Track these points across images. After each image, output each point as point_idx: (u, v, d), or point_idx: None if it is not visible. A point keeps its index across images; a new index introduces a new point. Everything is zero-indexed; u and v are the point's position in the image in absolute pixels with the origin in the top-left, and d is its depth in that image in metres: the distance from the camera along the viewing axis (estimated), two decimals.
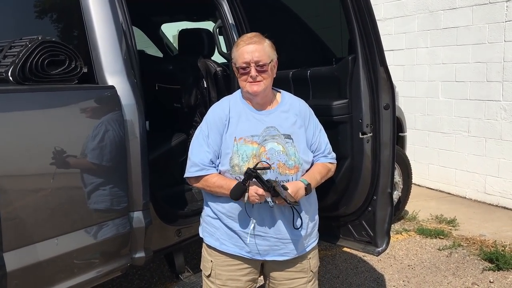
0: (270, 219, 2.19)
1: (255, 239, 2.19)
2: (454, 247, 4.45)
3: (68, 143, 2.28)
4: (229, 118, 2.22)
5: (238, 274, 2.26)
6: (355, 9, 2.61)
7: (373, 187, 2.79)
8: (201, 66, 3.53)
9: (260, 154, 2.15)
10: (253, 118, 2.23)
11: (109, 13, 2.57)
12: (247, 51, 2.15)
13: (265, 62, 2.15)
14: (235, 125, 2.21)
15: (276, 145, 2.18)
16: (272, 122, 2.23)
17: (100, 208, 2.44)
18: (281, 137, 2.20)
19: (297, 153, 2.20)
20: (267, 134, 2.19)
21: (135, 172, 2.55)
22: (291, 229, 2.21)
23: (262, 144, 2.17)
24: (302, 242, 2.27)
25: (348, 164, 2.81)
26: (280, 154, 2.16)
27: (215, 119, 2.24)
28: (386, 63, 2.66)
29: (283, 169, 2.16)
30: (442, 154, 6.28)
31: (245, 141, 2.17)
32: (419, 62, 6.44)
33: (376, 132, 2.72)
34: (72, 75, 2.42)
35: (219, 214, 2.24)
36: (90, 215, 2.40)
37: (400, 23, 6.65)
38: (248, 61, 2.14)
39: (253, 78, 2.15)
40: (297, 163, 2.19)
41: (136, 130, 2.55)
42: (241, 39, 2.23)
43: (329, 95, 2.88)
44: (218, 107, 2.31)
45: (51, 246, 2.23)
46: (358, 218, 2.91)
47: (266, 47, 2.19)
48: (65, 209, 2.29)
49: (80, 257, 2.38)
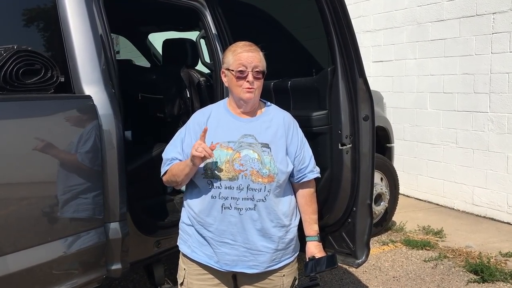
0: (240, 226, 2.16)
1: (223, 247, 2.17)
2: (440, 259, 4.43)
3: (41, 152, 2.25)
4: (207, 123, 2.24)
5: (208, 284, 2.24)
6: (334, 20, 2.61)
7: (353, 198, 2.78)
8: (184, 76, 3.52)
9: (234, 160, 2.15)
10: (232, 125, 2.24)
11: (87, 23, 2.56)
12: (246, 56, 2.17)
13: (262, 70, 2.20)
14: (214, 131, 2.22)
15: (252, 152, 2.17)
16: (251, 130, 2.23)
17: (74, 218, 2.39)
18: (257, 146, 2.19)
19: (273, 163, 2.18)
20: (243, 141, 2.19)
21: (112, 182, 2.52)
22: (261, 239, 2.18)
23: (237, 150, 2.17)
24: (274, 255, 2.22)
25: (327, 175, 2.80)
26: (255, 162, 2.15)
27: (194, 124, 2.28)
28: (365, 74, 2.65)
29: (256, 177, 2.14)
30: (430, 165, 6.28)
31: (221, 146, 2.17)
32: (407, 74, 6.47)
33: (355, 143, 2.71)
34: (48, 84, 2.39)
35: (192, 219, 2.24)
36: (64, 225, 2.36)
37: (389, 35, 6.68)
38: (246, 65, 2.16)
39: (250, 84, 2.17)
40: (272, 173, 2.17)
41: (113, 139, 2.52)
42: (237, 46, 2.25)
43: (309, 106, 2.87)
44: (200, 113, 2.35)
45: (22, 257, 2.20)
46: (338, 229, 2.89)
47: (262, 56, 2.23)
48: (37, 219, 2.26)
49: (53, 269, 2.34)
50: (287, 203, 2.28)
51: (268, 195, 2.18)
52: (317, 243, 2.36)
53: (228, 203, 2.16)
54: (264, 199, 2.17)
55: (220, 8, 3.20)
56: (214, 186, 2.16)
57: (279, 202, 2.23)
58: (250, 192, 2.15)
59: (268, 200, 2.18)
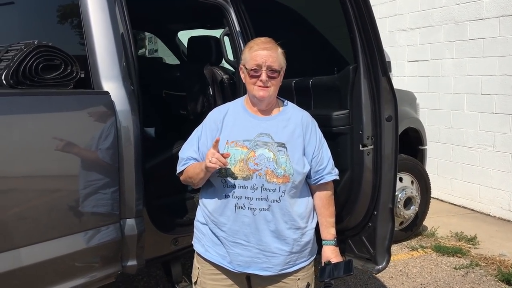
0: (253, 227, 2.12)
1: (236, 248, 2.14)
2: (471, 267, 4.26)
3: (58, 147, 2.27)
4: (223, 121, 2.22)
5: (222, 285, 2.21)
6: (357, 18, 2.53)
7: (374, 201, 2.69)
8: (207, 74, 3.50)
9: (249, 159, 2.11)
10: (249, 123, 2.21)
11: (108, 19, 2.56)
12: (261, 54, 2.13)
13: (276, 69, 2.14)
14: (230, 129, 2.20)
15: (267, 151, 2.13)
16: (268, 129, 2.19)
17: (91, 214, 2.40)
18: (273, 145, 2.15)
19: (288, 163, 2.13)
20: (259, 140, 2.15)
21: (129, 179, 2.51)
22: (275, 241, 2.14)
23: (252, 149, 2.13)
24: (289, 258, 2.17)
25: (347, 177, 2.72)
26: (270, 161, 2.11)
27: (210, 122, 2.26)
28: (388, 72, 2.56)
29: (270, 177, 2.10)
30: (466, 169, 6.06)
31: (236, 145, 2.14)
32: (444, 74, 6.27)
33: (377, 144, 2.63)
34: (67, 80, 2.40)
35: (206, 218, 2.22)
36: (80, 220, 2.37)
37: (425, 34, 6.49)
38: (260, 64, 2.12)
39: (263, 83, 2.13)
40: (288, 173, 2.12)
41: (131, 136, 2.51)
42: (255, 42, 2.21)
43: (330, 105, 2.80)
44: (217, 110, 2.32)
45: (40, 250, 2.22)
46: (358, 233, 2.80)
47: (279, 54, 2.18)
48: (54, 214, 2.28)
49: (69, 263, 2.35)
50: (303, 205, 2.23)
51: (282, 195, 2.13)
52: (334, 248, 2.29)
53: (241, 202, 2.12)
54: (278, 199, 2.12)
55: (243, 5, 3.16)
56: (228, 185, 2.14)
57: (294, 203, 2.18)
58: (264, 192, 2.11)
59: (283, 201, 2.13)
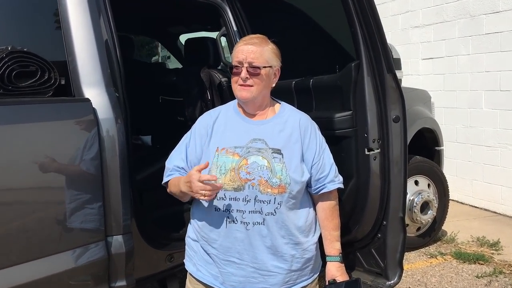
0: (247, 243, 1.93)
1: (229, 267, 1.95)
2: (494, 275, 3.98)
3: (33, 161, 2.10)
4: (214, 127, 2.05)
5: None
6: (357, 9, 2.32)
7: (383, 210, 2.48)
8: (204, 77, 3.31)
9: (240, 167, 1.92)
10: (241, 128, 2.03)
11: (89, 21, 2.40)
12: (243, 50, 1.96)
13: (259, 65, 1.94)
14: (220, 134, 2.02)
15: (261, 159, 1.94)
16: (261, 134, 2.00)
17: (72, 232, 2.23)
18: (268, 151, 1.96)
19: (285, 171, 1.93)
20: (252, 146, 1.96)
21: (114, 192, 2.33)
22: (272, 258, 1.94)
23: (244, 156, 1.94)
24: (288, 277, 1.97)
25: (353, 184, 2.51)
26: (264, 170, 1.92)
27: (200, 127, 2.09)
28: (394, 69, 2.35)
29: (264, 187, 1.90)
30: (486, 169, 5.78)
31: (227, 152, 1.96)
32: (460, 71, 6.00)
33: (384, 148, 2.42)
34: (45, 87, 2.24)
35: (197, 234, 2.05)
36: (60, 239, 2.20)
37: (439, 30, 6.25)
38: (241, 60, 1.94)
39: (243, 80, 1.94)
40: (284, 182, 1.92)
41: (115, 146, 2.34)
42: (242, 39, 2.08)
43: (332, 107, 2.59)
44: (207, 114, 2.15)
45: (13, 274, 2.05)
46: (367, 245, 2.59)
47: (266, 50, 1.98)
48: (30, 233, 2.10)
49: (49, 287, 2.18)
50: (303, 217, 2.02)
51: (278, 207, 1.93)
52: (339, 264, 2.08)
53: (233, 216, 1.93)
54: (274, 212, 1.93)
55: (238, 2, 2.96)
56: (218, 197, 1.94)
57: (292, 216, 1.98)
58: (258, 204, 1.91)
59: (279, 213, 1.93)
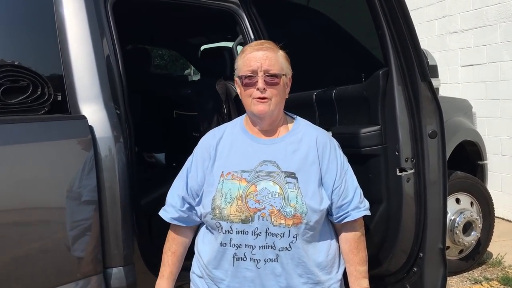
0: (258, 283, 1.71)
1: None
2: None
3: (22, 184, 1.90)
4: (217, 148, 1.81)
5: None
6: (385, 10, 2.05)
7: (419, 241, 2.18)
8: (219, 89, 3.09)
9: (248, 195, 1.67)
10: (249, 148, 1.78)
11: (88, 32, 2.23)
12: (256, 57, 1.72)
13: (276, 73, 1.71)
14: (225, 157, 1.78)
15: (272, 184, 1.69)
16: (273, 156, 1.75)
17: (66, 264, 2.02)
18: (280, 176, 1.71)
19: (300, 198, 1.68)
20: (261, 169, 1.71)
21: (113, 218, 2.12)
22: None
23: (252, 182, 1.70)
24: None
25: (383, 210, 2.22)
26: (275, 197, 1.67)
27: (202, 149, 1.86)
28: (429, 77, 2.06)
29: (277, 218, 1.65)
30: None
31: (233, 177, 1.72)
32: (503, 78, 5.61)
33: (419, 167, 2.13)
34: (38, 103, 2.07)
35: (202, 271, 1.82)
36: (52, 273, 1.99)
37: (479, 35, 5.87)
38: (255, 68, 1.70)
39: (261, 91, 1.70)
40: (299, 212, 1.66)
41: (115, 167, 2.14)
42: (249, 45, 1.83)
43: (358, 121, 2.31)
44: (211, 134, 1.91)
45: None
46: (401, 280, 2.29)
47: (279, 56, 1.76)
48: (19, 266, 1.90)
49: None
50: (323, 251, 1.77)
51: (294, 241, 1.68)
52: None
53: (241, 252, 1.69)
54: (289, 247, 1.68)
55: (254, 8, 2.74)
56: (224, 230, 1.70)
57: (311, 250, 1.73)
58: (270, 238, 1.67)
59: (295, 248, 1.69)
